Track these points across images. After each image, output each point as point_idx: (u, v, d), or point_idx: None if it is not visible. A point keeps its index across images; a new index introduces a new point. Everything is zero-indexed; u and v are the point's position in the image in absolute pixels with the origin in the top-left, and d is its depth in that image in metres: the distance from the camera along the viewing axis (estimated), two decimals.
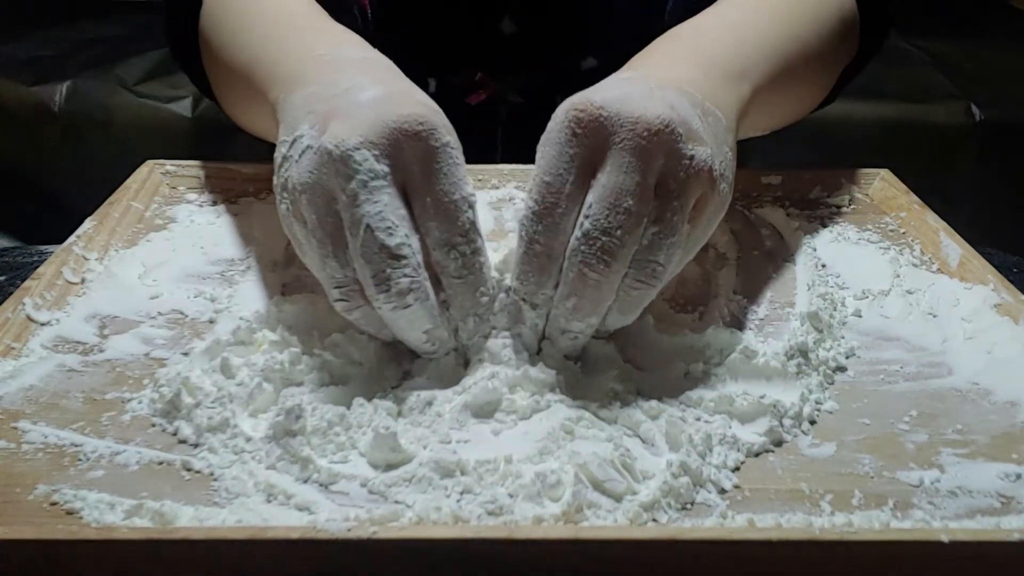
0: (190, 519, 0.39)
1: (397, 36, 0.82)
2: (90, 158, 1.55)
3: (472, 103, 0.84)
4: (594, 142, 0.46)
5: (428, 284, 0.47)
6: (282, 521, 0.40)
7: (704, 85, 0.52)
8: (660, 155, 0.46)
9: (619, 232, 0.45)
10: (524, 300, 0.49)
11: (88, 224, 0.63)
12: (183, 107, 1.56)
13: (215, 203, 0.69)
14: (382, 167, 0.46)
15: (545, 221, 0.47)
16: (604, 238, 0.45)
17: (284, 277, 0.59)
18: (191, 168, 0.72)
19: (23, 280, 0.57)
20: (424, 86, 0.83)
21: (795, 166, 0.74)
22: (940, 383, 0.51)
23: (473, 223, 0.48)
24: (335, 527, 0.37)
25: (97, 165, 1.51)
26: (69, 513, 0.40)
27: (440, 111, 0.49)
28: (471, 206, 0.48)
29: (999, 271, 0.60)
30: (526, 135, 0.84)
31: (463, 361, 0.50)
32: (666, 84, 0.49)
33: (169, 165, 0.73)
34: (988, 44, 1.70)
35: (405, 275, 0.45)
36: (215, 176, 0.72)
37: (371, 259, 0.45)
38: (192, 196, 0.70)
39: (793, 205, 0.71)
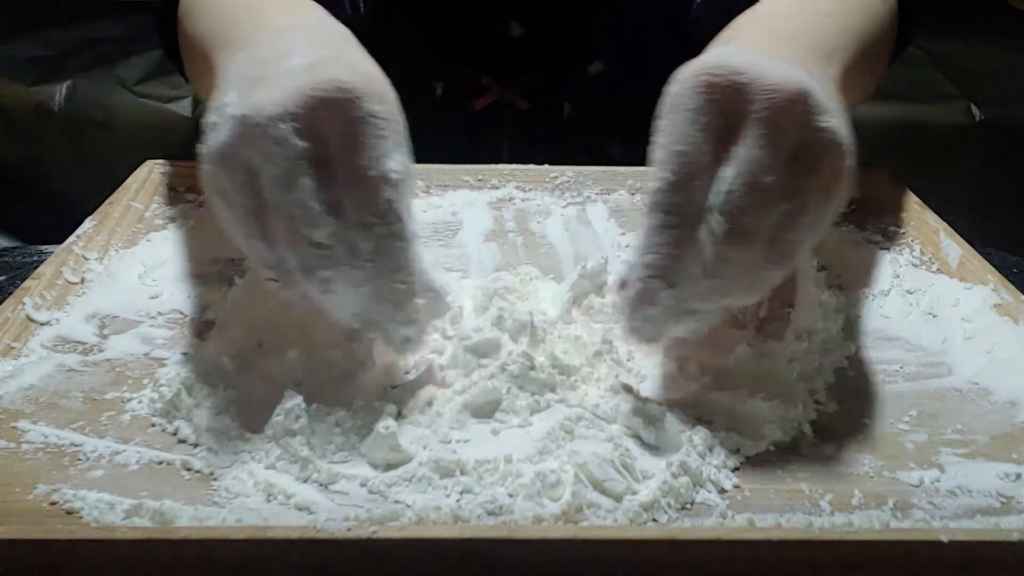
0: (190, 519, 0.39)
1: (403, 39, 0.82)
2: (90, 158, 1.55)
3: (478, 107, 0.84)
4: (729, 109, 0.43)
5: (357, 271, 0.44)
6: (282, 521, 0.40)
7: (807, 62, 0.49)
8: (796, 127, 0.43)
9: (759, 211, 0.43)
10: (658, 277, 0.44)
11: (88, 224, 0.63)
12: (183, 107, 1.56)
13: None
14: (301, 143, 0.43)
15: (681, 193, 0.43)
16: (744, 217, 0.43)
17: None
18: (191, 168, 0.72)
19: (23, 280, 0.57)
20: (431, 90, 0.84)
21: None
22: (940, 383, 0.51)
23: (391, 202, 0.44)
24: (335, 527, 0.37)
25: (97, 165, 1.51)
26: (69, 513, 0.40)
27: (376, 77, 0.45)
28: (393, 184, 0.44)
29: (999, 271, 0.60)
30: (532, 139, 0.85)
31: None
32: (778, 57, 0.46)
33: (169, 165, 0.73)
34: (988, 44, 1.70)
35: (328, 262, 0.43)
36: None
37: (293, 246, 0.43)
38: (192, 196, 0.70)
39: None
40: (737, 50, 0.46)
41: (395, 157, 0.44)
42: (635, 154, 0.73)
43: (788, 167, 0.43)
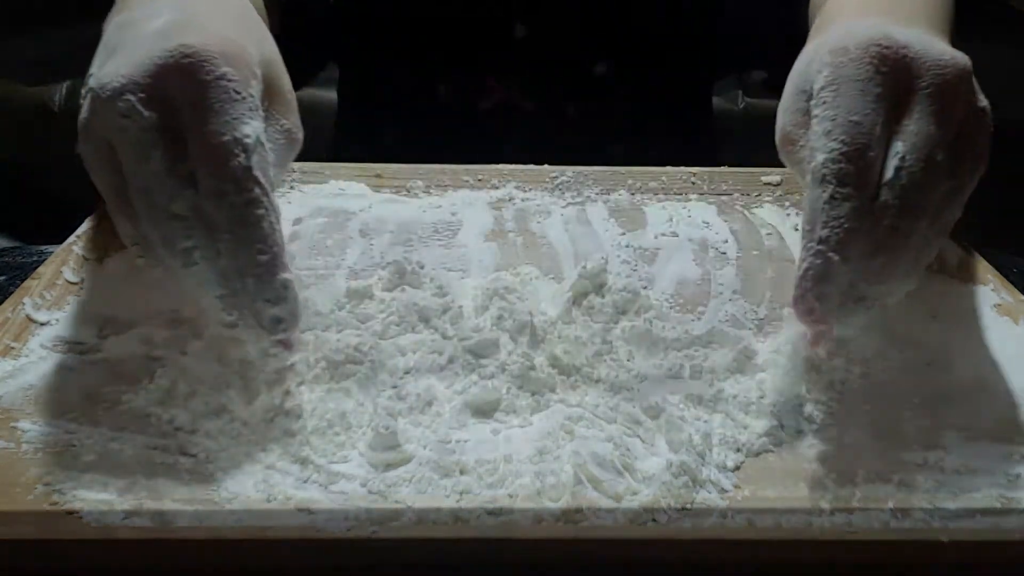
0: (189, 519, 0.39)
1: (408, 40, 0.82)
2: None
3: (482, 108, 0.84)
4: (899, 82, 0.44)
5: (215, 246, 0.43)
6: (282, 521, 0.40)
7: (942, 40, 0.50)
8: (962, 103, 0.44)
9: (931, 187, 0.43)
10: (834, 251, 0.43)
11: (88, 224, 0.63)
12: None
13: None
14: (149, 113, 0.42)
15: (857, 164, 0.42)
16: (917, 193, 0.42)
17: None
18: None
19: (23, 280, 0.57)
20: (435, 90, 0.84)
21: None
22: (940, 384, 0.51)
23: (247, 168, 0.42)
24: (335, 527, 0.37)
25: None
26: (69, 513, 0.40)
27: (229, 39, 0.44)
28: (247, 149, 0.42)
29: (999, 271, 0.60)
30: (536, 140, 0.85)
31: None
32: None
33: None
34: (988, 44, 1.69)
35: (188, 235, 0.42)
36: None
37: (153, 221, 0.42)
38: None
39: (793, 205, 0.70)
40: (892, 25, 0.46)
41: (249, 122, 0.42)
42: (638, 155, 0.73)
43: (955, 143, 0.44)
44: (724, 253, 0.64)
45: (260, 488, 0.42)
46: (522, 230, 0.67)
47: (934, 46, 0.44)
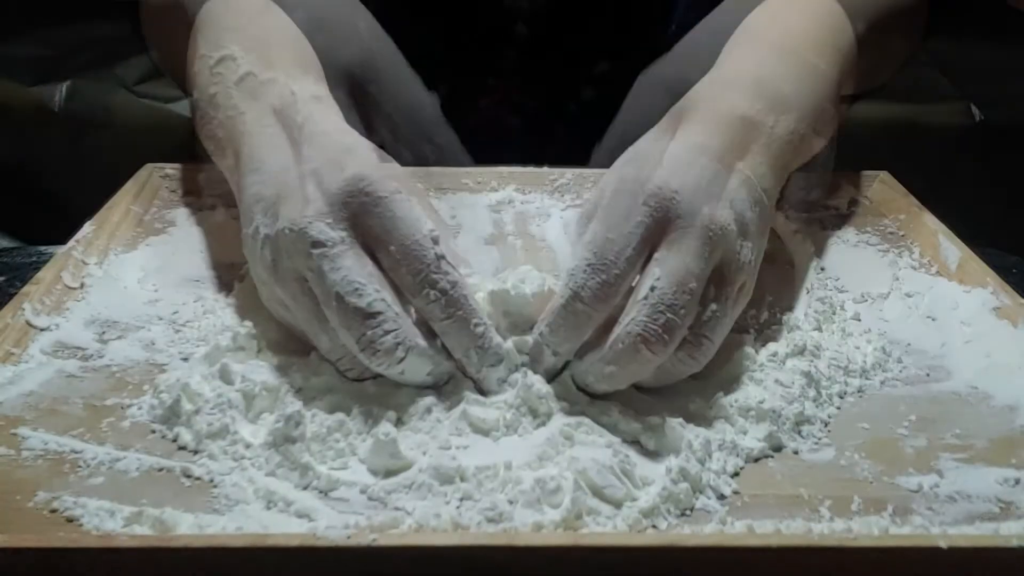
0: (190, 526, 0.39)
1: (408, 38, 0.82)
2: (90, 158, 1.55)
3: (482, 106, 0.85)
4: (663, 217, 0.47)
5: (414, 330, 0.46)
6: (282, 528, 0.40)
7: (801, 79, 0.55)
8: (720, 248, 0.48)
9: (683, 311, 0.46)
10: (549, 346, 0.48)
11: (87, 228, 0.63)
12: (183, 107, 1.55)
13: (215, 207, 0.69)
14: (338, 233, 0.46)
15: (599, 278, 0.46)
16: (669, 315, 0.45)
17: None
18: (191, 171, 0.72)
19: (23, 281, 0.57)
20: (435, 88, 0.84)
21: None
22: (939, 387, 0.52)
23: (442, 256, 0.47)
24: (335, 534, 0.37)
25: (97, 165, 1.50)
26: (69, 520, 0.40)
27: (382, 163, 0.49)
28: (436, 241, 0.47)
29: (998, 272, 0.60)
30: (536, 141, 0.85)
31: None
32: (740, 159, 0.51)
33: (169, 168, 0.73)
34: (988, 44, 1.69)
35: (385, 331, 0.45)
36: (215, 179, 0.71)
37: (350, 326, 0.45)
38: (192, 199, 0.70)
39: (792, 208, 0.71)
40: (684, 162, 0.49)
41: (427, 221, 0.47)
42: None
43: (715, 276, 0.48)
44: None
45: (260, 495, 0.42)
46: (521, 233, 0.67)
47: (702, 198, 0.48)
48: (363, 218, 0.47)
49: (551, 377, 0.48)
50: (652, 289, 0.45)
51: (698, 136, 0.51)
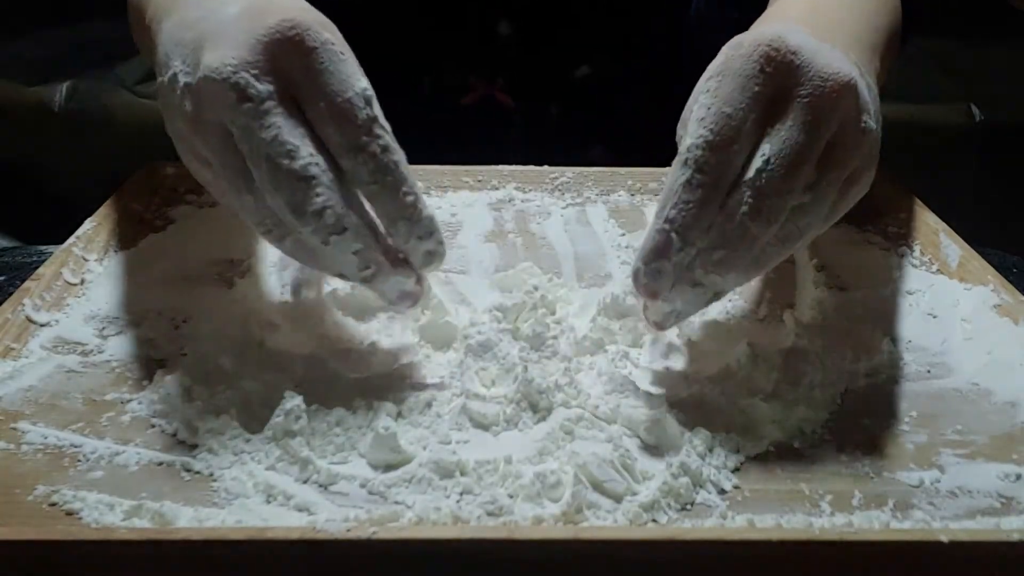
0: (189, 520, 0.39)
1: (392, 32, 0.82)
2: (90, 158, 1.55)
3: (465, 104, 0.85)
4: (780, 84, 0.44)
5: (347, 203, 0.44)
6: (282, 522, 0.40)
7: (852, 54, 0.50)
8: (838, 119, 0.44)
9: (789, 193, 0.44)
10: (676, 232, 0.44)
11: (88, 225, 0.63)
12: None
13: (214, 204, 0.69)
14: (265, 86, 0.43)
15: (719, 154, 0.43)
16: (775, 197, 0.43)
17: (283, 278, 0.59)
18: None
19: (23, 280, 0.57)
20: (418, 84, 0.84)
21: None
22: (940, 384, 0.51)
23: (375, 118, 0.44)
24: (335, 528, 0.37)
25: (97, 165, 1.50)
26: (69, 514, 0.40)
27: (312, 9, 0.46)
28: (369, 101, 0.44)
29: (999, 271, 0.60)
30: (517, 138, 0.85)
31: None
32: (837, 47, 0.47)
33: (169, 166, 0.73)
34: (988, 44, 1.69)
35: (317, 194, 0.43)
36: None
37: (280, 187, 0.43)
38: (192, 197, 0.70)
39: None
40: (797, 30, 0.46)
41: (361, 77, 0.45)
42: (618, 158, 0.73)
43: (823, 157, 0.44)
44: None
45: (260, 488, 0.42)
46: (522, 231, 0.67)
47: (824, 57, 0.44)
48: (291, 68, 0.44)
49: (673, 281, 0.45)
50: (760, 172, 0.43)
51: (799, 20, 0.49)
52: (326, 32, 0.45)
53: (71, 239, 0.61)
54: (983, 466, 0.45)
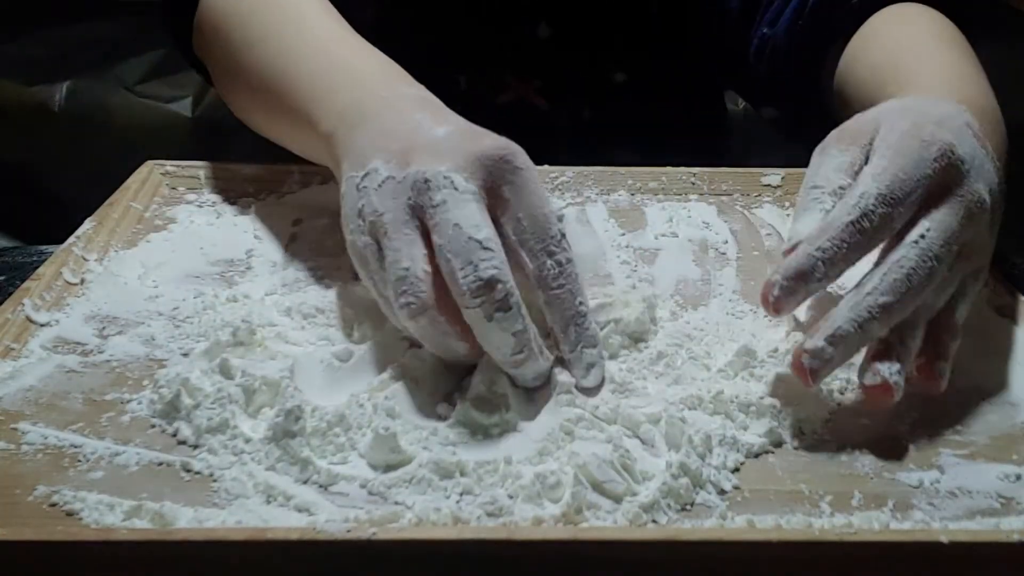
0: (189, 520, 0.40)
1: (431, 28, 0.83)
2: (90, 158, 1.55)
3: (499, 103, 0.85)
4: (943, 179, 0.48)
5: (514, 283, 0.46)
6: (282, 522, 0.40)
7: (997, 144, 0.55)
8: (976, 224, 0.49)
9: (943, 267, 0.47)
10: (823, 263, 0.47)
11: (88, 225, 0.63)
12: (183, 107, 1.56)
13: (215, 203, 0.69)
14: (471, 186, 0.47)
15: (883, 209, 0.47)
16: (934, 262, 0.47)
17: (284, 278, 0.59)
18: (191, 168, 0.72)
19: (23, 280, 0.57)
20: (454, 81, 0.84)
21: (795, 166, 0.74)
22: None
23: (564, 234, 0.49)
24: (334, 528, 0.37)
25: (97, 165, 1.50)
26: (69, 514, 0.40)
27: (517, 145, 0.50)
28: (560, 219, 0.49)
29: (999, 271, 0.60)
30: (550, 140, 0.85)
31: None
32: (987, 146, 0.51)
33: (169, 165, 0.73)
34: (988, 44, 1.69)
35: (493, 266, 0.45)
36: (215, 176, 0.72)
37: (459, 251, 0.45)
38: (192, 196, 0.70)
39: (793, 205, 0.71)
40: (965, 134, 0.51)
41: (552, 201, 0.50)
42: (648, 164, 0.74)
43: (963, 249, 0.49)
44: (724, 253, 0.64)
45: (260, 489, 0.42)
46: None
47: (981, 171, 0.49)
48: (499, 182, 0.48)
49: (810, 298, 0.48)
50: (922, 236, 0.47)
51: (967, 114, 0.52)
52: (529, 161, 0.49)
53: (71, 239, 0.61)
54: (983, 466, 0.45)
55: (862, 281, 0.47)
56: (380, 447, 0.43)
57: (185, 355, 0.51)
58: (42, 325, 0.54)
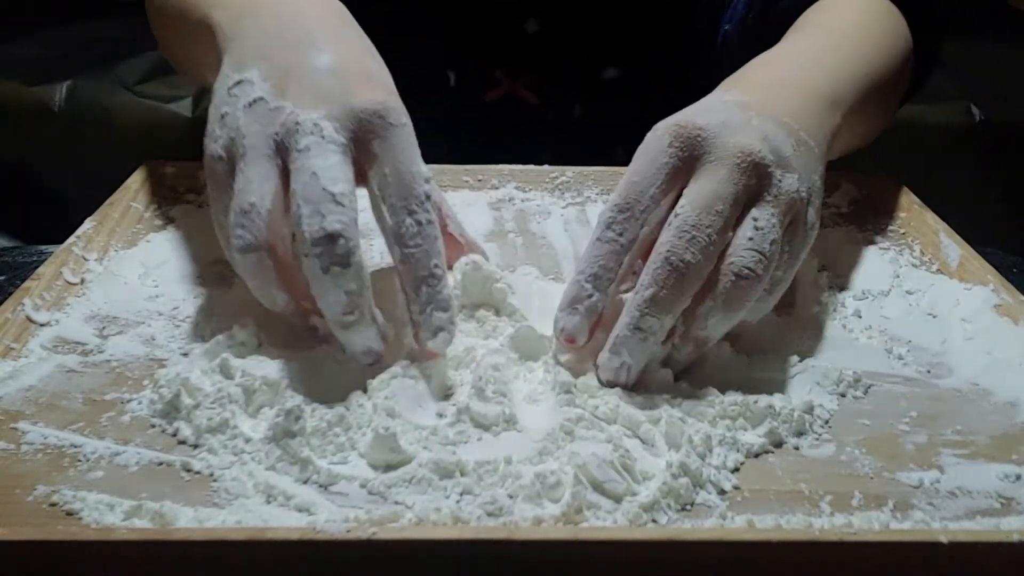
0: (189, 520, 0.39)
1: (420, 25, 0.82)
2: (90, 158, 1.55)
3: (489, 99, 0.85)
4: (688, 155, 0.49)
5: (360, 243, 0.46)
6: (282, 522, 0.40)
7: (802, 115, 0.54)
8: (753, 175, 0.48)
9: (709, 230, 0.47)
10: (588, 282, 0.49)
11: (88, 224, 0.63)
12: (183, 107, 1.56)
13: None
14: (340, 137, 0.47)
15: (624, 214, 0.48)
16: (694, 232, 0.47)
17: None
18: (191, 168, 0.72)
19: (23, 280, 0.57)
20: (443, 78, 0.84)
21: None
22: (940, 384, 0.51)
23: (429, 196, 0.48)
24: (335, 528, 0.37)
25: (97, 165, 1.50)
26: (69, 514, 0.40)
27: (395, 92, 0.50)
28: (428, 181, 0.48)
29: (999, 271, 0.60)
30: (540, 136, 0.85)
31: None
32: (764, 113, 0.51)
33: (169, 166, 0.73)
34: (988, 44, 1.69)
35: (340, 221, 0.45)
36: None
37: (310, 199, 0.45)
38: (192, 196, 0.70)
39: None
40: (714, 108, 0.51)
41: (422, 163, 0.49)
42: None
43: (743, 203, 0.48)
44: None
45: (260, 489, 0.42)
46: (522, 230, 0.67)
47: (730, 130, 0.49)
48: (369, 136, 0.48)
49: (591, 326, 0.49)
50: (676, 215, 0.47)
51: (735, 95, 0.53)
52: (406, 117, 0.49)
53: (71, 239, 0.61)
54: (983, 466, 0.45)
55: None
56: (380, 447, 0.43)
57: (185, 355, 0.51)
58: (42, 325, 0.54)
